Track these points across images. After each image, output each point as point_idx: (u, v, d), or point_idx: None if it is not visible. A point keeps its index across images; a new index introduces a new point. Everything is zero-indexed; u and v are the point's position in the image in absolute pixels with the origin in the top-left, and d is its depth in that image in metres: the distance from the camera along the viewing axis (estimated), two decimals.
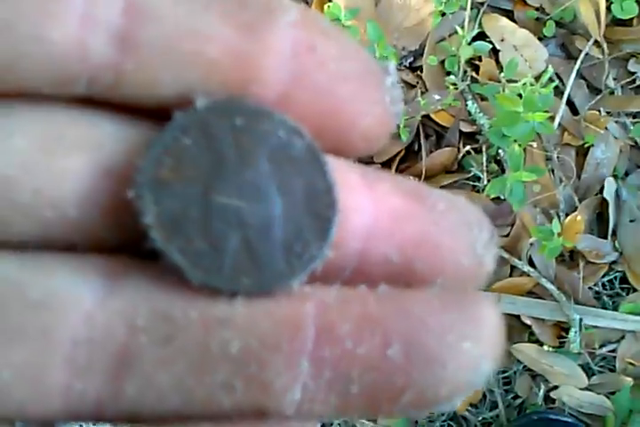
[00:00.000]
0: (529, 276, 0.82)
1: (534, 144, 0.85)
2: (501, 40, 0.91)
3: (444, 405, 0.10)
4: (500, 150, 0.85)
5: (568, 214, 0.85)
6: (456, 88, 0.85)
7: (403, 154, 0.87)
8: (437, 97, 0.87)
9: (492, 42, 0.89)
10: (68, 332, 0.09)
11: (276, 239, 0.11)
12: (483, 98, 0.88)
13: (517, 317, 0.81)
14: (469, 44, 0.84)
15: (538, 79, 0.75)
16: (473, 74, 0.89)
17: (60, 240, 0.10)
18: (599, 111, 0.91)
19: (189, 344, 0.10)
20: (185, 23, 0.09)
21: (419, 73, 0.89)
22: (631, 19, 0.92)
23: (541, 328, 0.81)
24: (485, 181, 0.85)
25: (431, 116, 0.87)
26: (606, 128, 0.90)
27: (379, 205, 0.11)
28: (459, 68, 0.85)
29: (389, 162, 0.87)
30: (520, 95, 0.72)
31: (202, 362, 0.09)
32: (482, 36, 0.89)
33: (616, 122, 0.92)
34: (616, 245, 0.87)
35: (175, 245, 0.10)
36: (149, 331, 0.10)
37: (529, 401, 0.81)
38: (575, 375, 0.79)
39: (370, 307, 0.10)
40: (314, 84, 0.10)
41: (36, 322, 0.09)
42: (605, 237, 0.87)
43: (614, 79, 0.94)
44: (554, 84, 0.73)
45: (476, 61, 0.90)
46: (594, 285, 0.85)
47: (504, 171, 0.85)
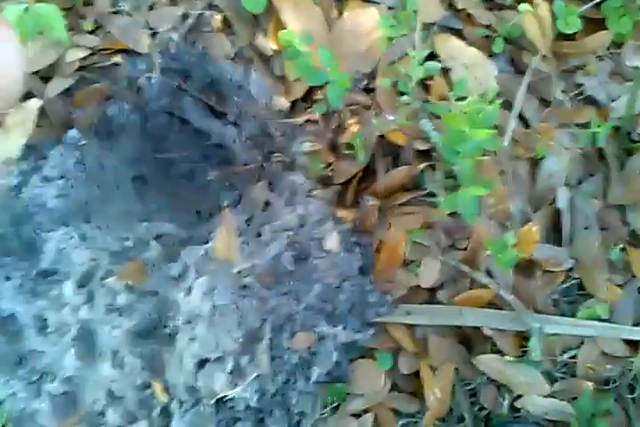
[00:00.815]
0: (487, 288, 0.86)
1: (486, 158, 0.88)
2: (451, 59, 0.95)
3: None
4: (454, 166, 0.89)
5: (523, 225, 0.88)
6: (409, 108, 0.89)
7: (361, 174, 0.91)
8: (391, 117, 0.91)
9: (442, 61, 0.93)
10: None
11: None
12: (437, 116, 0.92)
13: (478, 329, 0.85)
14: (421, 64, 0.88)
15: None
16: (425, 94, 0.93)
17: None
18: (549, 123, 0.96)
19: None
20: None
21: (372, 95, 0.93)
22: (575, 33, 0.97)
23: (502, 339, 0.84)
24: (442, 197, 0.88)
25: (386, 136, 0.91)
26: (556, 139, 0.95)
27: None
28: (411, 88, 0.89)
29: (348, 182, 0.90)
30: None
31: None
32: (433, 56, 0.93)
33: (566, 133, 0.96)
34: (572, 253, 0.91)
35: None
36: None
37: (495, 412, 0.84)
38: (538, 383, 0.83)
39: None
40: None
41: None
42: (561, 244, 0.91)
43: (563, 91, 0.99)
44: (499, 102, 0.76)
45: (429, 81, 0.94)
46: (552, 293, 0.89)
47: (459, 186, 0.89)
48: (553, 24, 0.94)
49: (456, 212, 0.83)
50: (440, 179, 0.89)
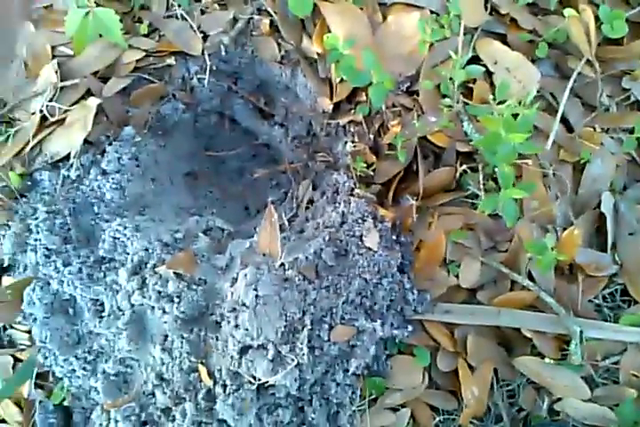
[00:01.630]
0: (529, 290, 0.87)
1: (530, 162, 0.90)
2: (494, 63, 0.97)
3: None
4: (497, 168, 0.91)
5: (566, 229, 0.90)
6: (451, 110, 0.92)
7: (402, 175, 0.94)
8: (433, 119, 0.94)
9: (485, 65, 0.96)
10: None
11: None
12: (479, 119, 0.94)
13: (518, 330, 0.86)
14: (463, 67, 0.91)
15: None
16: (467, 96, 0.96)
17: None
18: (594, 128, 0.97)
19: None
20: None
21: (415, 97, 0.96)
22: (622, 38, 0.99)
23: (542, 341, 0.85)
24: (484, 199, 0.90)
25: (428, 137, 0.94)
26: (602, 144, 0.96)
27: None
28: (453, 91, 0.92)
29: (389, 182, 0.94)
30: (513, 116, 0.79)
31: None
32: (476, 59, 0.96)
33: (612, 138, 0.97)
34: (616, 258, 0.91)
35: None
36: None
37: (533, 414, 0.85)
38: (578, 387, 0.83)
39: None
40: None
41: None
42: (605, 250, 0.92)
43: (608, 96, 1.00)
44: (537, 105, 0.78)
45: (471, 84, 0.96)
46: (594, 297, 0.90)
47: (501, 188, 0.91)
48: (598, 29, 0.96)
49: (498, 214, 0.86)
50: (481, 181, 0.91)
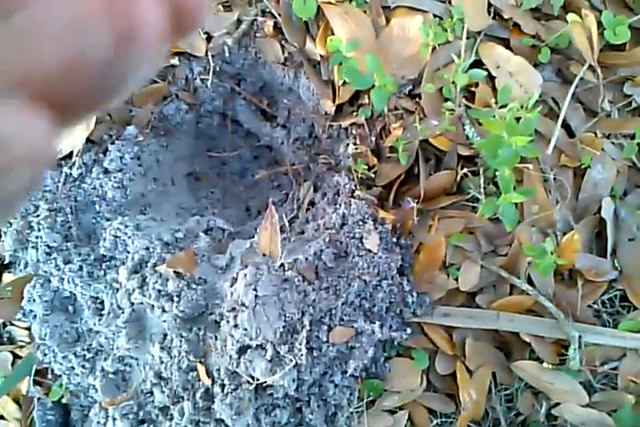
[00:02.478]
0: (528, 294, 0.89)
1: (530, 166, 0.92)
2: (497, 67, 1.00)
3: None
4: (498, 172, 0.93)
5: (566, 234, 0.92)
6: (452, 114, 0.95)
7: (403, 177, 0.96)
8: (435, 122, 0.96)
9: (488, 69, 0.98)
10: None
11: None
12: (480, 123, 0.96)
13: (517, 334, 0.88)
14: (466, 71, 0.94)
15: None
16: (470, 100, 0.98)
17: None
18: (595, 133, 0.99)
19: None
20: None
21: (417, 100, 0.98)
22: (624, 44, 1.01)
23: (541, 346, 0.87)
24: (484, 203, 0.92)
25: (430, 140, 0.96)
26: (603, 149, 0.98)
27: None
28: (456, 94, 0.94)
29: (390, 185, 0.96)
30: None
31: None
32: (479, 63, 0.98)
33: (613, 143, 0.99)
34: (615, 264, 0.93)
35: None
36: None
37: (531, 418, 0.87)
38: (576, 392, 0.85)
39: None
40: None
41: None
42: (604, 255, 0.93)
43: (610, 102, 1.02)
44: (538, 109, 0.80)
45: (474, 88, 0.98)
46: (593, 303, 0.92)
47: (501, 192, 0.93)
48: (601, 34, 0.98)
49: (498, 218, 0.88)
50: (482, 185, 0.93)
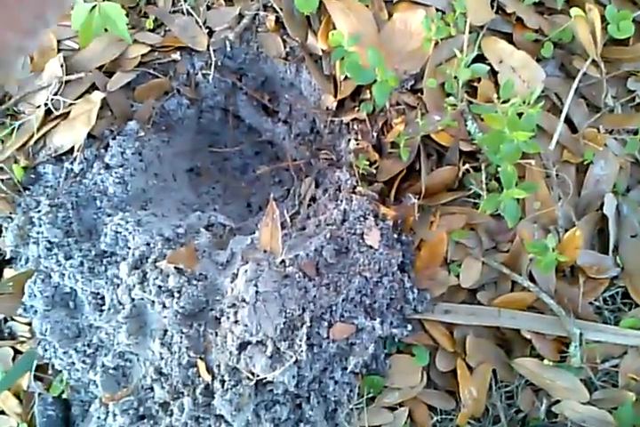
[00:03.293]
0: (529, 291, 0.90)
1: (533, 162, 0.92)
2: (500, 62, 1.00)
3: None
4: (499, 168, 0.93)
5: (568, 230, 0.92)
6: (455, 109, 0.95)
7: (404, 173, 0.96)
8: (437, 118, 0.96)
9: (490, 64, 0.98)
10: None
11: None
12: (482, 118, 0.96)
13: (518, 331, 0.88)
14: (468, 66, 0.94)
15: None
16: (472, 95, 0.98)
17: None
18: (598, 129, 0.99)
19: None
20: None
21: (419, 95, 0.99)
22: (628, 38, 1.01)
23: (542, 343, 0.88)
24: (485, 199, 0.92)
25: (431, 136, 0.96)
26: (605, 145, 0.98)
27: None
28: (458, 89, 0.95)
29: (391, 181, 0.96)
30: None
31: None
32: (481, 58, 0.98)
33: (615, 139, 0.99)
34: (617, 261, 0.94)
35: None
36: None
37: (531, 415, 0.88)
38: (577, 390, 0.86)
39: None
40: None
41: None
42: (606, 252, 0.94)
43: (613, 97, 1.02)
44: (540, 104, 0.80)
45: (476, 83, 0.99)
46: (594, 300, 0.92)
47: (503, 188, 0.93)
48: (604, 29, 0.98)
49: (500, 214, 0.88)
50: (484, 180, 0.93)
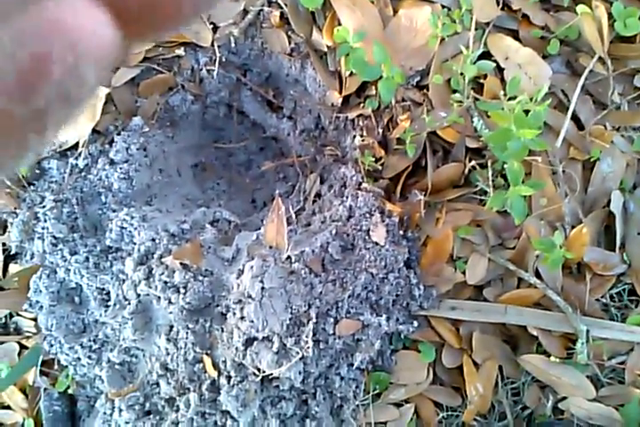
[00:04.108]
0: (536, 288, 0.90)
1: (539, 159, 0.93)
2: (506, 59, 1.00)
3: None
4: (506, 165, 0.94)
5: (574, 227, 0.92)
6: (461, 105, 0.95)
7: (410, 169, 0.97)
8: (443, 114, 0.97)
9: (496, 61, 0.99)
10: None
11: None
12: (489, 115, 0.97)
13: (524, 328, 0.89)
14: (474, 63, 0.94)
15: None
16: (478, 92, 0.99)
17: None
18: (605, 126, 1.00)
19: None
20: None
21: (425, 92, 0.99)
22: (635, 35, 1.01)
23: (548, 339, 0.88)
24: (492, 195, 0.93)
25: (437, 132, 0.97)
26: (612, 142, 0.99)
27: None
28: (464, 86, 0.95)
29: (397, 177, 0.97)
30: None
31: None
32: (487, 55, 0.99)
33: (622, 136, 1.00)
34: (624, 258, 0.94)
35: None
36: None
37: (537, 412, 0.88)
38: (583, 387, 0.86)
39: None
40: None
41: None
42: (613, 249, 0.94)
43: (620, 94, 1.02)
44: (547, 102, 0.81)
45: (482, 80, 0.99)
46: (601, 297, 0.93)
47: (509, 185, 0.93)
48: (611, 26, 0.98)
49: (506, 210, 0.89)
50: (490, 177, 0.94)
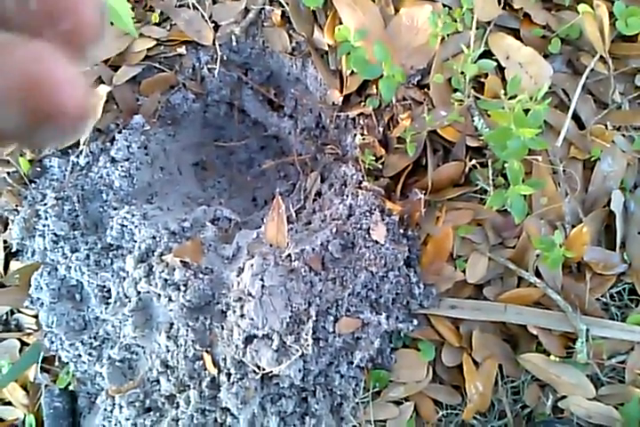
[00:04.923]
0: (536, 287, 0.91)
1: (540, 158, 0.93)
2: (507, 58, 1.01)
3: None
4: (506, 164, 0.94)
5: (574, 226, 0.93)
6: (461, 104, 0.96)
7: (410, 168, 0.97)
8: (444, 113, 0.97)
9: (497, 60, 0.99)
10: None
11: None
12: (489, 114, 0.97)
13: (524, 327, 0.89)
14: (475, 62, 0.95)
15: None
16: (479, 91, 0.99)
17: None
18: (605, 125, 1.00)
19: None
20: None
21: (426, 90, 1.00)
22: (636, 35, 1.02)
23: (548, 338, 0.89)
24: (492, 194, 0.93)
25: (438, 131, 0.97)
26: (613, 142, 0.99)
27: None
28: (465, 85, 0.96)
29: (397, 176, 0.97)
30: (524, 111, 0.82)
31: None
32: (488, 54, 0.99)
33: (623, 135, 1.00)
34: (624, 257, 0.95)
35: None
36: None
37: (537, 411, 0.89)
38: (583, 386, 0.87)
39: None
40: None
41: None
42: (613, 248, 0.95)
43: (621, 94, 1.03)
44: (547, 101, 0.82)
45: (483, 79, 1.00)
46: (601, 296, 0.93)
47: (510, 184, 0.94)
48: (612, 25, 0.99)
49: (506, 209, 0.89)
50: (490, 176, 0.95)
